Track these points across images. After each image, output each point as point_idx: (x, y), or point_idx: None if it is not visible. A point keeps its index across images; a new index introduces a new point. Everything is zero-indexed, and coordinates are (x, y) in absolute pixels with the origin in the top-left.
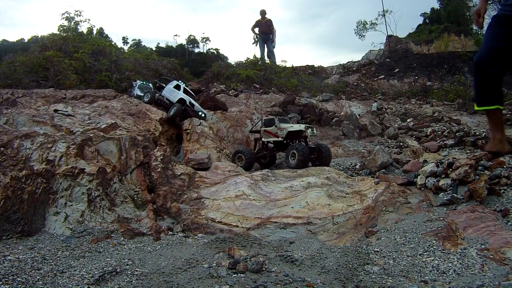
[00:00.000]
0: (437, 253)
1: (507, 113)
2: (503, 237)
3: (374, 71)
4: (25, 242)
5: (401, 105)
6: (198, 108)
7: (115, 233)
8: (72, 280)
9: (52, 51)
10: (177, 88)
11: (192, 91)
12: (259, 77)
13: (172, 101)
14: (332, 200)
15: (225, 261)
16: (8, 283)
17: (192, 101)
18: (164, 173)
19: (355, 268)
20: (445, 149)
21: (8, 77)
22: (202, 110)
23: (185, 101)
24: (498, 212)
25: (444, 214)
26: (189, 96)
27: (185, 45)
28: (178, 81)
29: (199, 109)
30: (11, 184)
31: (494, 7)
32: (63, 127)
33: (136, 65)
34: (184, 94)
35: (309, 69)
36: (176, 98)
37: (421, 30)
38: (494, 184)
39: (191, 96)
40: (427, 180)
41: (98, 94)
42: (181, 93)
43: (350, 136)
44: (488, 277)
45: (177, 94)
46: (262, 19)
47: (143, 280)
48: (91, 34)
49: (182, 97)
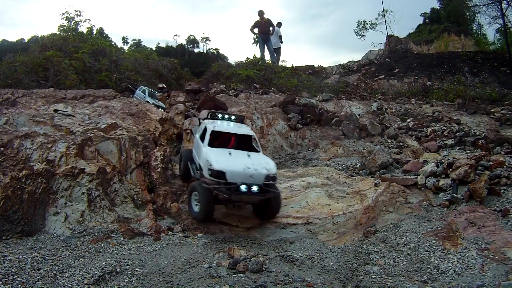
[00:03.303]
0: (437, 253)
1: (507, 113)
2: (503, 237)
3: (374, 71)
4: (25, 242)
5: (401, 105)
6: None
7: (115, 233)
8: (72, 280)
9: (52, 51)
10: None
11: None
12: (259, 77)
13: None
14: (332, 200)
15: (225, 261)
16: (8, 283)
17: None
18: (164, 173)
19: (355, 268)
20: (445, 149)
21: (8, 77)
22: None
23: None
24: (498, 212)
25: (444, 214)
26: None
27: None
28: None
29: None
30: (11, 184)
31: (494, 7)
32: (63, 127)
33: (136, 65)
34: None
35: (309, 69)
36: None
37: (421, 30)
38: (494, 184)
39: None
40: (427, 180)
41: (98, 94)
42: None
43: (350, 136)
44: (488, 277)
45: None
46: (261, 19)
47: (143, 280)
48: (91, 34)
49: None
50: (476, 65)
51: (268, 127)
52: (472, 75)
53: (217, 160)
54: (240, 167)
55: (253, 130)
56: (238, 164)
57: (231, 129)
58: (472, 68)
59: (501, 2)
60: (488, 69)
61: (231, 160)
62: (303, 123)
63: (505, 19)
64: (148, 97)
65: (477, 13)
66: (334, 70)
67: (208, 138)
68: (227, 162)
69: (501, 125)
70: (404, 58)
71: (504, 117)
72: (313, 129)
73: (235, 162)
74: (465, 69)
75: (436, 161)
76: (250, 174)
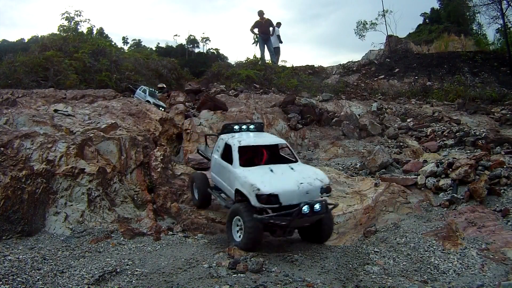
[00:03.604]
0: (437, 253)
1: (507, 113)
2: (503, 237)
3: (374, 71)
4: (25, 242)
5: (401, 105)
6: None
7: (115, 233)
8: (72, 280)
9: (52, 51)
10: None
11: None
12: (259, 77)
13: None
14: (332, 200)
15: (225, 261)
16: (8, 283)
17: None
18: (164, 173)
19: (355, 268)
20: (445, 149)
21: (8, 77)
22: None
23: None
24: (498, 212)
25: (444, 214)
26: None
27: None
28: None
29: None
30: (11, 184)
31: (494, 7)
32: (63, 127)
33: (136, 65)
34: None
35: (309, 69)
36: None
37: (421, 30)
38: (494, 184)
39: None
40: (427, 180)
41: (98, 94)
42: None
43: (350, 136)
44: (488, 277)
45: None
46: (261, 19)
47: (143, 280)
48: (91, 34)
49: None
50: (476, 65)
51: (268, 127)
52: (472, 75)
53: (262, 181)
54: (293, 185)
55: None
56: (288, 181)
57: (259, 140)
58: (472, 68)
59: (501, 2)
60: (488, 69)
61: (278, 178)
62: (303, 123)
63: (505, 19)
64: (148, 96)
65: (477, 13)
66: (334, 70)
67: (237, 156)
68: (276, 182)
69: (501, 125)
70: (404, 58)
71: (504, 117)
72: (313, 129)
73: (283, 179)
74: (465, 69)
75: (436, 161)
76: (306, 190)
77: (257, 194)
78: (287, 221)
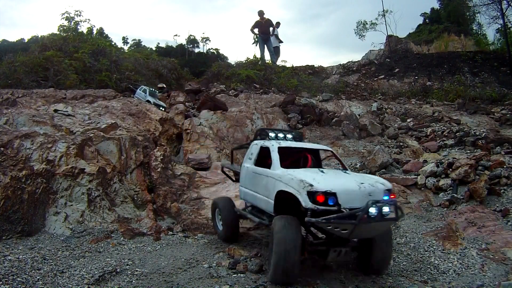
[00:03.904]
0: (437, 253)
1: (507, 113)
2: (503, 237)
3: (374, 71)
4: (25, 242)
5: (401, 105)
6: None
7: (115, 233)
8: (72, 280)
9: (52, 51)
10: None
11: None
12: (259, 77)
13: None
14: None
15: (225, 261)
16: (8, 283)
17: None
18: (164, 173)
19: (355, 268)
20: (445, 149)
21: (8, 77)
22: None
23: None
24: (498, 212)
25: (444, 214)
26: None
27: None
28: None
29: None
30: (11, 184)
31: (494, 7)
32: (63, 127)
33: (136, 65)
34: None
35: (309, 69)
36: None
37: (421, 30)
38: (494, 184)
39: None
40: (427, 180)
41: (98, 94)
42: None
43: (350, 136)
44: (488, 277)
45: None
46: (261, 19)
47: (143, 280)
48: (91, 34)
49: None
50: (476, 65)
51: (268, 127)
52: (472, 75)
53: (314, 178)
54: (353, 184)
55: (252, 130)
56: (346, 180)
57: (302, 144)
58: (472, 68)
59: (501, 2)
60: (488, 69)
61: (333, 178)
62: (303, 123)
63: (505, 19)
64: (149, 96)
65: (477, 13)
66: (334, 70)
67: (277, 157)
68: (332, 180)
69: (501, 125)
70: (404, 58)
71: (504, 117)
72: (313, 129)
73: (340, 178)
74: (465, 69)
75: (436, 161)
76: (369, 191)
77: (309, 192)
78: (350, 228)
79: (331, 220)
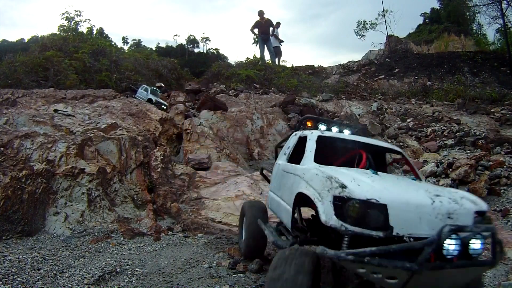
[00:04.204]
0: None
1: (507, 113)
2: (503, 237)
3: (374, 71)
4: (25, 242)
5: (401, 105)
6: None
7: (115, 233)
8: (72, 280)
9: (52, 51)
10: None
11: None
12: (259, 77)
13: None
14: None
15: (225, 261)
16: (8, 283)
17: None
18: (164, 173)
19: None
20: (445, 149)
21: (8, 77)
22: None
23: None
24: (498, 212)
25: None
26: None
27: (185, 45)
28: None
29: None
30: (11, 184)
31: (494, 7)
32: (63, 127)
33: (136, 65)
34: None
35: (309, 69)
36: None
37: (421, 30)
38: (494, 184)
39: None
40: (427, 180)
41: (98, 94)
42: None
43: None
44: (488, 277)
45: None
46: (261, 19)
47: (143, 280)
48: (91, 34)
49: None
50: (476, 65)
51: (268, 127)
52: (472, 75)
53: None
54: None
55: (252, 130)
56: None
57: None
58: (472, 68)
59: (501, 2)
60: (488, 69)
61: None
62: None
63: (505, 19)
64: (150, 94)
65: (477, 13)
66: (334, 70)
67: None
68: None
69: (501, 125)
70: (404, 58)
71: (504, 117)
72: None
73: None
74: (465, 69)
75: (436, 161)
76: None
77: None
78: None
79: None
